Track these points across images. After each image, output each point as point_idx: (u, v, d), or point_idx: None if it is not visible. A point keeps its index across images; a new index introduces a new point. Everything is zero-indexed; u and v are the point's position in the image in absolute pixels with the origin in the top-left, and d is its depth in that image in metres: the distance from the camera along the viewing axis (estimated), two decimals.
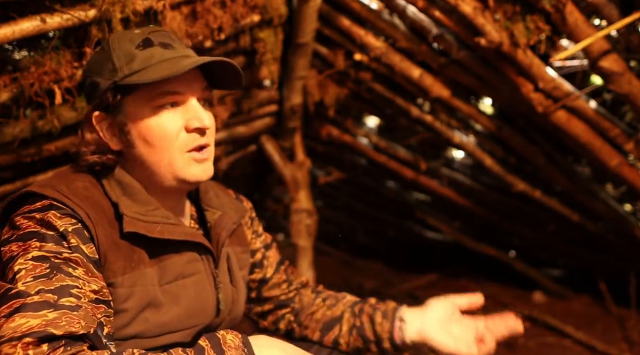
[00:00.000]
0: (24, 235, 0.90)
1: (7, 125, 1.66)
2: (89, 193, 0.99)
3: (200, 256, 1.09)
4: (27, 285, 0.83)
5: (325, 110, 2.61)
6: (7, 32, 1.33)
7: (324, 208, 4.31)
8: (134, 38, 1.01)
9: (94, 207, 0.97)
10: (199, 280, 1.08)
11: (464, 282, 3.96)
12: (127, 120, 1.01)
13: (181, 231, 1.05)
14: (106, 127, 1.04)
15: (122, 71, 0.98)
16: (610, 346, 2.81)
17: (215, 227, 1.15)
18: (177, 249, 1.05)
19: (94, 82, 1.02)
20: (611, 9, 1.73)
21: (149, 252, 1.02)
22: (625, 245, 3.05)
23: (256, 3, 1.90)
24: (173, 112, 1.02)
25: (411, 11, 2.04)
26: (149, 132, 1.01)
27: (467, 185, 3.27)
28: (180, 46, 1.04)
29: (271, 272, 1.32)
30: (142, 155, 1.03)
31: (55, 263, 0.87)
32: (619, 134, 2.13)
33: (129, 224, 0.98)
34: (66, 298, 0.84)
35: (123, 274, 0.97)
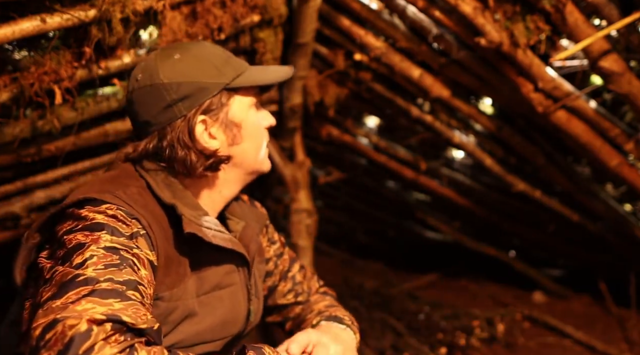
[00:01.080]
0: (92, 225, 0.88)
1: (7, 125, 1.66)
2: (144, 200, 0.98)
3: (237, 268, 1.09)
4: (97, 272, 0.81)
5: (325, 110, 2.61)
6: (7, 32, 1.33)
7: (324, 208, 4.31)
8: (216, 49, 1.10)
9: (151, 215, 0.97)
10: (234, 292, 1.08)
11: (464, 282, 3.96)
12: (235, 117, 1.07)
13: (229, 239, 1.05)
14: (214, 128, 1.05)
15: (227, 75, 1.05)
16: (610, 346, 2.81)
17: (242, 238, 1.14)
18: (217, 259, 1.05)
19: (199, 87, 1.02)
20: (611, 9, 1.73)
21: (192, 261, 1.01)
22: (625, 245, 3.04)
23: (256, 3, 1.90)
24: (260, 111, 1.15)
25: (411, 11, 2.04)
26: (255, 127, 1.11)
27: (467, 185, 3.27)
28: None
29: (277, 280, 1.31)
30: (244, 149, 1.09)
31: (125, 257, 0.86)
32: (619, 134, 2.13)
33: (189, 225, 0.97)
34: (132, 292, 0.82)
35: (172, 288, 0.97)
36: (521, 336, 2.95)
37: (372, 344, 2.64)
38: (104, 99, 1.81)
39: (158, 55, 1.05)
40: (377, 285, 3.63)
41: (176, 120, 1.02)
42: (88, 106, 1.78)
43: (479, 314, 3.04)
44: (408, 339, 2.69)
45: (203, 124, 1.03)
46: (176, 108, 1.01)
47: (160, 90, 1.01)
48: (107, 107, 1.83)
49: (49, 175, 2.01)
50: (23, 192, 2.02)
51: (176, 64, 1.03)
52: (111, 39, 1.51)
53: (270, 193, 3.84)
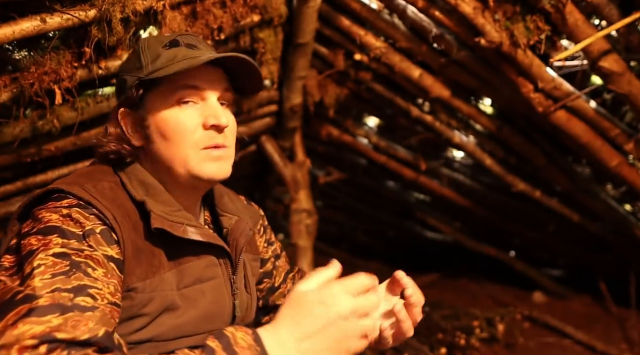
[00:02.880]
0: (45, 229, 0.88)
1: (7, 125, 1.66)
2: (114, 194, 0.99)
3: (219, 261, 1.08)
4: (44, 282, 0.81)
5: (325, 110, 2.61)
6: (7, 32, 1.33)
7: (324, 208, 4.31)
8: (163, 39, 1.06)
9: (119, 209, 0.97)
10: (216, 285, 1.07)
11: (464, 282, 3.96)
12: (148, 114, 1.04)
13: (204, 233, 1.04)
14: (130, 122, 1.06)
15: (147, 68, 1.02)
16: (610, 346, 2.81)
17: (232, 232, 1.13)
18: (196, 252, 1.04)
19: (122, 80, 1.06)
20: (611, 9, 1.74)
21: (169, 254, 1.01)
22: (625, 245, 3.05)
23: (256, 3, 1.90)
24: (192, 108, 1.03)
25: (411, 11, 2.04)
26: (167, 126, 1.02)
27: (467, 186, 3.27)
28: (206, 47, 1.07)
29: (279, 281, 1.32)
30: (159, 150, 1.04)
31: (76, 261, 0.85)
32: (619, 134, 2.13)
33: (157, 220, 0.98)
34: (82, 297, 0.82)
35: (144, 279, 0.96)
36: (521, 336, 2.95)
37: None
38: (104, 99, 1.81)
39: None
40: None
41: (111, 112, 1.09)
42: (88, 106, 1.78)
43: (479, 314, 3.04)
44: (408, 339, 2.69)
45: (123, 116, 1.05)
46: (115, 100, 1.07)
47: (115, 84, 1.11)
48: (107, 107, 1.83)
49: (49, 175, 2.01)
50: (23, 192, 2.02)
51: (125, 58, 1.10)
52: (111, 39, 1.51)
53: (270, 193, 3.84)
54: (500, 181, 2.93)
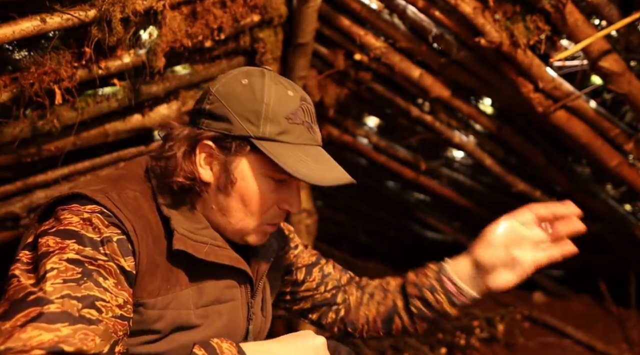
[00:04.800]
0: (64, 231, 0.87)
1: (7, 125, 1.66)
2: (138, 205, 0.97)
3: (239, 283, 1.08)
4: (54, 287, 0.80)
5: (325, 110, 2.61)
6: (7, 32, 1.33)
7: (324, 208, 4.31)
8: (288, 103, 0.99)
9: (141, 221, 0.95)
10: (233, 308, 1.06)
11: None
12: (237, 168, 0.99)
13: (227, 255, 1.03)
14: (210, 159, 1.00)
15: (263, 130, 0.97)
16: (610, 346, 2.81)
17: (257, 253, 1.12)
18: (218, 273, 1.03)
19: (227, 117, 0.98)
20: (611, 9, 1.74)
21: (190, 272, 1.00)
22: (625, 245, 3.05)
23: (256, 3, 1.90)
24: (277, 186, 1.02)
25: (411, 11, 2.04)
26: (251, 194, 1.00)
27: (467, 186, 3.27)
28: (316, 126, 1.05)
29: (301, 276, 1.30)
30: (230, 205, 1.01)
31: (88, 269, 0.85)
32: (619, 134, 2.13)
33: (179, 241, 0.96)
34: (88, 309, 0.81)
35: (157, 295, 0.95)
36: (521, 336, 2.95)
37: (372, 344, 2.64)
38: (104, 99, 1.81)
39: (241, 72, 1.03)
40: None
41: (192, 126, 1.02)
42: (88, 106, 1.78)
43: (479, 314, 3.04)
44: (408, 339, 2.69)
45: (205, 148, 1.00)
46: (201, 116, 1.00)
47: (205, 94, 1.02)
48: (107, 107, 1.83)
49: (49, 175, 2.01)
50: (23, 192, 2.02)
51: (235, 85, 1.00)
52: (111, 39, 1.51)
53: None
54: (500, 181, 2.93)
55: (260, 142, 0.96)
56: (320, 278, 1.31)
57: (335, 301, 1.31)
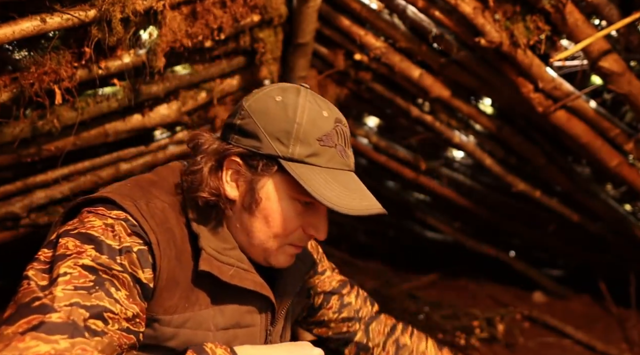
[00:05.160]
0: (85, 235, 0.86)
1: (7, 125, 1.66)
2: (165, 217, 0.94)
3: (260, 310, 1.05)
4: (64, 293, 0.79)
5: None
6: (7, 32, 1.33)
7: None
8: (321, 124, 0.95)
9: (166, 234, 0.93)
10: (252, 334, 1.04)
11: (464, 282, 3.96)
12: (263, 187, 0.96)
13: (252, 280, 1.00)
14: (236, 176, 0.98)
15: (292, 151, 0.93)
16: (610, 346, 2.81)
17: (284, 278, 1.09)
18: (240, 297, 1.01)
19: (257, 134, 0.95)
20: (611, 9, 1.74)
21: (212, 293, 0.98)
22: (625, 245, 3.05)
23: (256, 3, 1.90)
24: (303, 209, 0.98)
25: (411, 11, 2.04)
26: (275, 214, 0.97)
27: (467, 186, 3.27)
28: (349, 150, 1.00)
29: (319, 301, 1.26)
30: (253, 225, 0.98)
31: (102, 278, 0.83)
32: (619, 134, 2.13)
33: (206, 261, 0.93)
34: (94, 320, 0.80)
35: (173, 313, 0.93)
36: (521, 336, 2.95)
37: None
38: (104, 99, 1.81)
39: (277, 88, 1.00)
40: (377, 285, 3.63)
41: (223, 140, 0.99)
42: (88, 106, 1.78)
43: (479, 314, 3.04)
44: None
45: (233, 165, 0.97)
46: (232, 131, 0.98)
47: (238, 109, 1.00)
48: (107, 107, 1.83)
49: (49, 175, 2.01)
50: (23, 192, 2.02)
51: (267, 101, 0.97)
52: (111, 39, 1.51)
53: None
54: (500, 181, 2.93)
55: (288, 163, 0.93)
56: (338, 307, 1.27)
57: (353, 338, 1.28)
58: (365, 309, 1.31)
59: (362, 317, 1.30)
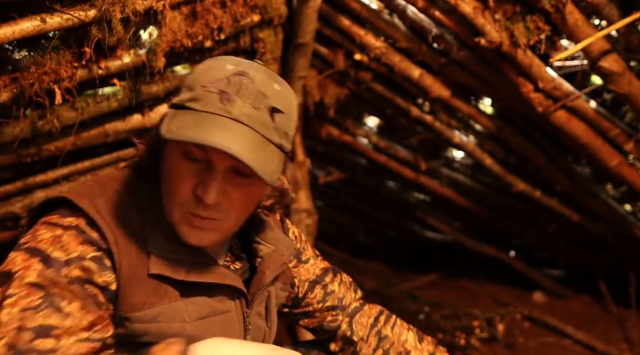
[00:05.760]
0: (33, 250, 0.85)
1: (7, 125, 1.66)
2: (126, 213, 0.93)
3: (232, 296, 1.03)
4: (10, 316, 0.79)
5: (325, 110, 2.61)
6: (7, 32, 1.33)
7: (324, 208, 4.31)
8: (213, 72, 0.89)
9: (126, 231, 0.91)
10: (228, 319, 1.02)
11: (464, 282, 3.96)
12: (166, 147, 0.94)
13: (212, 272, 0.98)
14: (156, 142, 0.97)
15: (178, 98, 0.90)
16: (610, 346, 2.81)
17: (262, 263, 1.07)
18: (206, 289, 0.99)
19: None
20: (611, 9, 1.74)
21: (179, 287, 0.96)
22: (625, 245, 3.05)
23: (256, 3, 1.90)
24: (195, 166, 0.90)
25: (411, 11, 2.04)
26: (167, 171, 0.93)
27: (467, 186, 3.27)
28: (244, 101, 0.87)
29: (303, 291, 1.24)
30: (162, 186, 0.96)
31: (50, 294, 0.82)
32: (619, 134, 2.13)
33: (156, 265, 0.92)
34: (42, 339, 0.79)
35: (141, 309, 0.92)
36: (521, 336, 2.95)
37: None
38: (104, 99, 1.81)
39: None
40: (377, 285, 3.62)
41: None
42: (88, 106, 1.78)
43: (479, 314, 3.04)
44: None
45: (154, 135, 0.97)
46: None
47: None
48: (107, 107, 1.83)
49: (49, 175, 2.01)
50: (23, 192, 2.02)
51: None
52: (111, 39, 1.51)
53: None
54: (500, 181, 2.93)
55: (169, 111, 0.90)
56: (322, 295, 1.25)
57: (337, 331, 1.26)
58: (349, 296, 1.29)
59: (346, 306, 1.28)
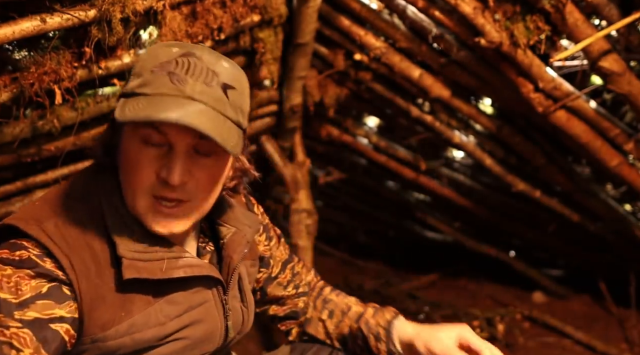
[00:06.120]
0: None
1: (7, 125, 1.66)
2: (81, 231, 0.90)
3: (209, 286, 1.03)
4: None
5: (325, 110, 2.61)
6: (7, 32, 1.33)
7: (324, 208, 4.31)
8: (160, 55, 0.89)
9: (82, 252, 0.88)
10: (207, 309, 1.02)
11: (464, 282, 3.96)
12: (121, 137, 0.92)
13: (185, 265, 0.96)
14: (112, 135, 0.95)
15: (127, 87, 0.89)
16: (610, 346, 2.81)
17: (228, 247, 1.06)
18: (181, 283, 0.97)
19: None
20: (611, 9, 1.74)
21: (153, 290, 0.94)
22: (625, 245, 3.05)
23: (256, 3, 1.90)
24: (155, 150, 0.89)
25: (411, 11, 2.04)
26: (126, 159, 0.91)
27: (467, 186, 3.27)
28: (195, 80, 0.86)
29: (276, 271, 1.26)
30: (122, 179, 0.93)
31: None
32: (619, 134, 2.13)
33: (129, 269, 0.89)
34: None
35: (111, 327, 0.90)
36: (521, 336, 2.95)
37: None
38: (104, 99, 1.81)
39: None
40: (377, 285, 3.63)
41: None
42: (88, 106, 1.78)
43: (479, 314, 3.04)
44: None
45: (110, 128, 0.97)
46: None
47: None
48: (107, 107, 1.83)
49: (49, 175, 2.01)
50: (23, 192, 2.02)
51: None
52: (111, 39, 1.51)
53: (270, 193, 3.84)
54: (500, 181, 2.93)
55: (120, 100, 0.88)
56: (291, 276, 1.28)
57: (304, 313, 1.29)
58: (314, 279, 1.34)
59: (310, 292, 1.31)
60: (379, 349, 1.17)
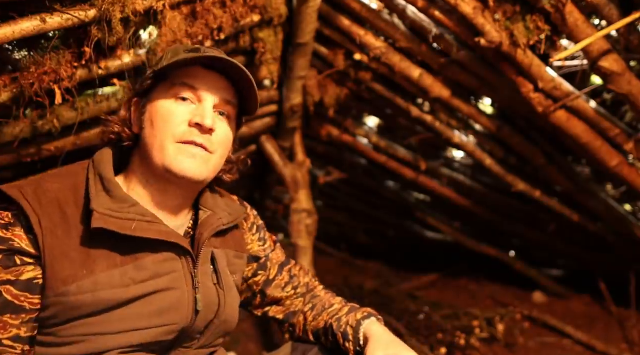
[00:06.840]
0: None
1: (7, 125, 1.66)
2: (56, 197, 1.01)
3: (179, 256, 1.08)
4: None
5: (325, 110, 2.61)
6: (7, 32, 1.33)
7: (324, 208, 4.31)
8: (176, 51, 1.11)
9: (54, 213, 0.99)
10: (175, 279, 1.06)
11: (464, 282, 3.97)
12: (148, 103, 1.10)
13: (156, 229, 1.03)
14: (136, 110, 1.12)
15: (161, 63, 1.08)
16: (610, 346, 2.81)
17: (200, 226, 1.15)
18: (154, 248, 1.04)
19: (144, 72, 1.13)
20: (611, 9, 1.74)
21: (122, 251, 1.01)
22: (625, 245, 3.05)
23: (256, 3, 1.90)
24: (185, 105, 1.08)
25: (411, 11, 2.04)
26: (157, 114, 1.07)
27: (467, 186, 3.27)
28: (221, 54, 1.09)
29: (274, 274, 1.32)
30: (145, 136, 1.08)
31: None
32: (619, 134, 2.13)
33: (99, 220, 0.98)
34: None
35: (72, 282, 0.96)
36: (521, 336, 2.95)
37: None
38: (104, 99, 1.81)
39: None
40: (377, 286, 3.63)
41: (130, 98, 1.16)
42: (88, 106, 1.78)
43: (479, 314, 3.04)
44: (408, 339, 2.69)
45: (132, 104, 1.13)
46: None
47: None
48: (107, 107, 1.83)
49: None
50: None
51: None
52: (111, 39, 1.51)
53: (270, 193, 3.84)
54: (500, 181, 2.93)
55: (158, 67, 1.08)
56: (288, 279, 1.34)
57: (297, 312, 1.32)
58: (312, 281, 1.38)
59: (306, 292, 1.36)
60: (347, 347, 1.19)
